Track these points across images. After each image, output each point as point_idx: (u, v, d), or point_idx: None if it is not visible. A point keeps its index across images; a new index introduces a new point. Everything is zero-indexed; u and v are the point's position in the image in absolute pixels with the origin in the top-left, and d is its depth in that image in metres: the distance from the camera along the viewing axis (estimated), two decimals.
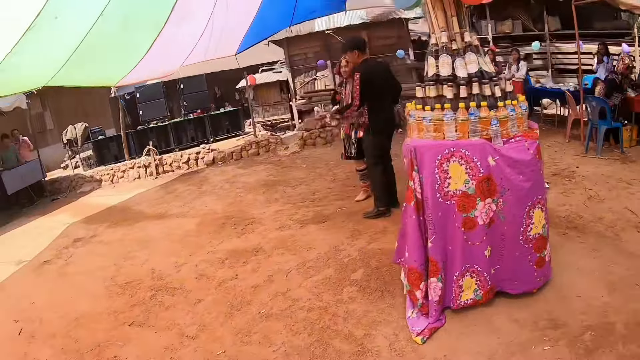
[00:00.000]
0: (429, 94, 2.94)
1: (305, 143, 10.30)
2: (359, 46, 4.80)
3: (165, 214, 6.27)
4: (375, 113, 4.70)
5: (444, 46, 2.92)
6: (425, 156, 2.77)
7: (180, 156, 9.26)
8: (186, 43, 6.01)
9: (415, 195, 2.85)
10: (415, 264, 2.81)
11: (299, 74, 12.44)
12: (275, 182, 7.23)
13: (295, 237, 4.75)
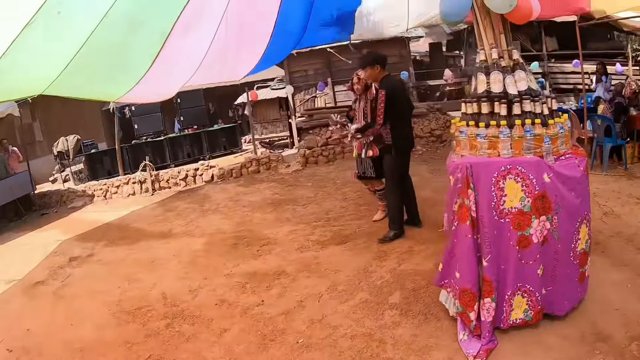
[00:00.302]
0: (483, 111, 2.87)
1: (307, 161, 10.01)
2: (380, 61, 4.52)
3: (169, 233, 5.84)
4: (399, 132, 4.51)
5: (494, 63, 2.89)
6: (482, 174, 2.70)
7: (178, 172, 8.84)
8: (190, 61, 5.73)
9: (471, 213, 2.74)
10: (469, 284, 2.72)
11: (298, 91, 12.21)
12: (282, 201, 6.87)
13: (318, 258, 4.41)
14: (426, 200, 5.99)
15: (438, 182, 7.16)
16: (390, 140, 4.52)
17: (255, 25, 5.96)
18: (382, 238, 4.59)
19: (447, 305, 2.99)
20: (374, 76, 4.49)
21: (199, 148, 10.97)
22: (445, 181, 4.71)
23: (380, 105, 4.31)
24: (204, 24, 5.17)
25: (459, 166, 2.84)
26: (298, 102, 12.21)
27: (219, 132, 11.49)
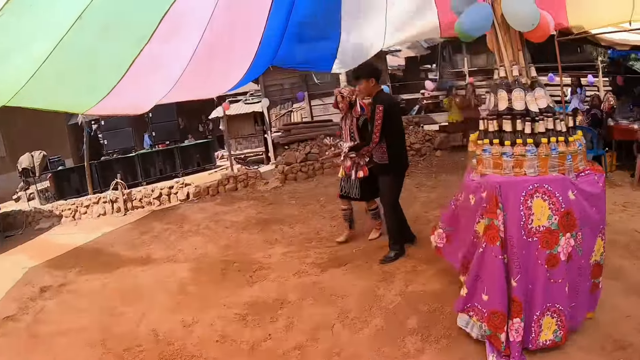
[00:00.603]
0: (506, 128, 2.82)
1: (286, 177, 9.73)
2: (376, 74, 4.29)
3: (149, 258, 5.39)
4: (396, 151, 4.29)
5: (516, 80, 2.88)
6: (510, 193, 2.66)
7: (151, 191, 8.34)
8: (169, 73, 5.39)
9: (500, 234, 2.68)
10: (500, 306, 2.65)
11: (274, 106, 11.91)
12: (267, 221, 6.54)
13: (320, 283, 4.11)
14: (419, 218, 5.84)
15: (425, 197, 7.03)
16: (386, 160, 4.27)
17: (243, 38, 5.69)
18: (383, 259, 4.37)
19: (468, 329, 2.89)
20: (368, 90, 4.27)
21: (172, 165, 10.46)
22: (433, 196, 4.48)
23: (377, 121, 4.08)
24: (186, 32, 4.87)
25: (482, 185, 2.80)
26: (273, 117, 11.91)
27: (192, 148, 11.02)
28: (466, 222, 3.07)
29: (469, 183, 2.96)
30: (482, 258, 2.75)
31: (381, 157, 4.28)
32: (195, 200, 8.50)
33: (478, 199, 2.82)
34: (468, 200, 2.96)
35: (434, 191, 7.44)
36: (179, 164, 10.44)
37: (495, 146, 2.80)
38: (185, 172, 10.47)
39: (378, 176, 4.44)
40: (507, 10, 2.86)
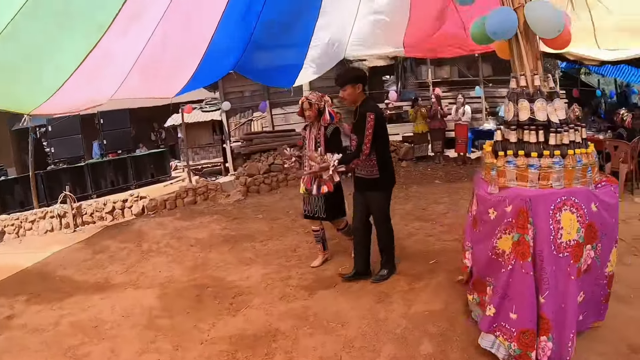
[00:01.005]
0: (530, 139, 2.74)
1: (248, 190, 9.25)
2: (363, 80, 3.96)
3: (107, 284, 4.73)
4: (385, 164, 3.97)
5: (538, 90, 2.80)
6: (540, 207, 2.57)
7: (104, 204, 7.57)
8: (123, 63, 4.87)
9: (530, 249, 2.59)
10: (531, 324, 2.57)
11: (234, 114, 11.36)
12: (235, 238, 6.04)
13: (311, 309, 3.73)
14: (401, 231, 5.56)
15: (401, 209, 6.79)
16: (376, 173, 3.92)
17: (191, 34, 5.24)
18: (376, 278, 4.10)
19: (493, 350, 2.74)
20: (354, 97, 3.89)
21: (124, 176, 9.65)
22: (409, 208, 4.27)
23: (368, 131, 3.72)
24: (142, 23, 4.41)
25: (506, 199, 2.68)
26: (233, 126, 11.36)
27: (146, 158, 10.23)
28: (480, 238, 2.97)
29: (488, 196, 2.81)
30: (511, 275, 2.62)
31: (370, 171, 3.92)
32: (152, 214, 7.82)
33: (500, 213, 2.69)
34: (486, 214, 2.83)
35: (408, 202, 7.23)
36: (132, 175, 9.65)
37: (521, 158, 2.69)
38: (139, 184, 9.71)
39: (364, 191, 4.05)
40: (532, 15, 2.75)
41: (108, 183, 9.47)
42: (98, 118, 9.66)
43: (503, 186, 2.77)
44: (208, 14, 4.99)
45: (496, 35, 2.83)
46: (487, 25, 2.81)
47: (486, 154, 3.01)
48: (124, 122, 10.01)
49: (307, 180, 4.27)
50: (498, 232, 2.71)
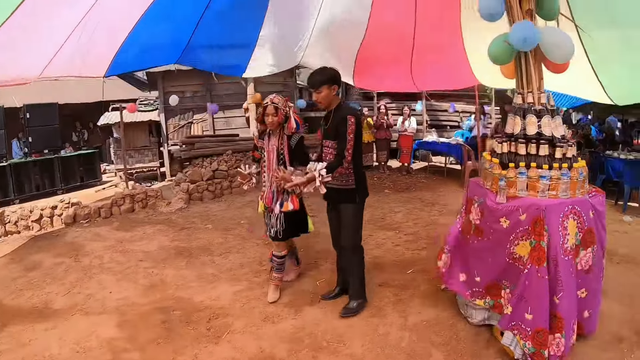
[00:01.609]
0: (541, 153, 2.95)
1: (191, 197, 8.63)
2: (337, 81, 3.58)
3: (48, 309, 4.00)
4: (361, 173, 3.65)
5: (544, 107, 3.03)
6: (552, 215, 2.76)
7: (30, 211, 6.61)
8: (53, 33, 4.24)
9: (545, 255, 2.79)
10: (544, 324, 2.75)
11: (172, 115, 10.63)
12: (189, 250, 5.51)
13: (304, 329, 3.47)
14: (367, 241, 5.41)
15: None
16: (352, 184, 3.59)
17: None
18: (344, 312, 3.67)
19: (512, 347, 2.90)
20: (329, 99, 3.54)
21: (51, 179, 8.54)
22: (367, 217, 4.38)
23: (349, 136, 3.38)
24: None
25: (519, 208, 2.85)
26: (172, 128, 10.61)
27: (74, 160, 9.15)
28: (489, 246, 3.07)
29: (498, 206, 2.95)
30: (527, 279, 2.80)
31: (346, 180, 3.57)
32: (85, 223, 6.98)
33: (514, 222, 2.86)
34: (496, 223, 2.96)
35: (365, 212, 7.02)
36: (60, 179, 8.59)
37: (533, 169, 2.89)
38: (67, 189, 8.68)
39: (337, 204, 3.71)
40: (549, 40, 2.96)
41: (33, 187, 8.32)
42: (24, 112, 8.46)
43: (512, 196, 2.94)
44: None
45: (526, 42, 2.91)
46: (516, 35, 2.91)
47: (493, 165, 3.10)
48: (52, 117, 8.80)
49: (269, 198, 3.81)
50: (514, 239, 2.89)
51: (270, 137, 3.85)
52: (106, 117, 10.09)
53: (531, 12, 3.10)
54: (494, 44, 3.15)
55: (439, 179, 9.86)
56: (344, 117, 3.41)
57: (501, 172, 3.01)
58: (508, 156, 3.07)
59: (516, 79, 3.20)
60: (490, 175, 3.13)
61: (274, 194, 3.79)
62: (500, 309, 3.05)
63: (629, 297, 3.81)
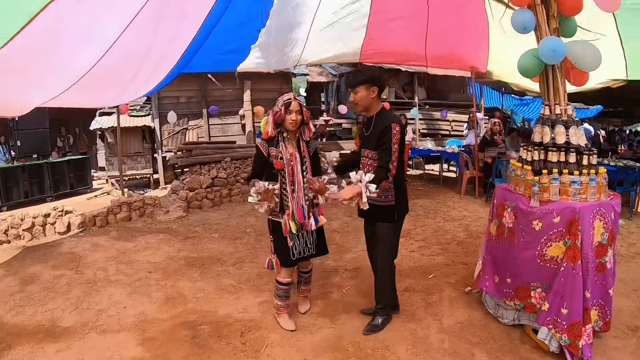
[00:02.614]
0: (570, 160, 3.13)
1: (189, 205, 8.26)
2: (378, 82, 3.22)
3: (56, 327, 3.58)
4: (402, 187, 3.34)
5: (571, 118, 3.24)
6: (585, 216, 2.94)
7: (21, 219, 6.13)
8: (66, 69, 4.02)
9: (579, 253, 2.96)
10: (579, 317, 2.93)
11: (167, 121, 10.20)
12: (200, 261, 5.16)
13: (345, 337, 3.31)
14: None
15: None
16: (392, 199, 3.25)
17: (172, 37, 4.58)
18: (369, 329, 3.38)
19: (547, 341, 3.07)
20: (367, 102, 3.20)
21: (40, 186, 8.00)
22: None
23: (394, 146, 3.07)
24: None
25: (554, 211, 3.03)
26: (166, 134, 10.18)
27: (65, 165, 8.61)
28: (522, 248, 3.19)
29: (531, 210, 3.11)
30: (563, 276, 2.97)
31: (385, 196, 3.22)
32: (81, 233, 6.54)
33: (547, 224, 3.04)
34: (529, 226, 3.13)
35: None
36: (49, 185, 8.05)
37: (565, 175, 3.07)
38: (57, 196, 8.16)
39: (373, 223, 3.36)
40: (579, 52, 3.15)
41: (21, 193, 7.77)
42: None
43: (545, 200, 3.10)
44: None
45: (555, 54, 3.10)
46: (545, 48, 3.10)
47: (525, 172, 3.25)
48: (42, 120, 8.28)
49: (299, 213, 3.29)
50: (546, 241, 3.06)
51: (284, 143, 3.30)
52: (97, 122, 9.61)
53: (558, 31, 3.29)
54: (524, 58, 3.33)
55: (436, 187, 9.72)
56: (388, 125, 3.09)
57: (534, 178, 3.16)
58: (539, 164, 3.22)
59: (543, 92, 3.38)
60: (522, 181, 3.28)
61: (303, 208, 3.30)
62: (532, 309, 3.20)
63: (635, 292, 4.06)
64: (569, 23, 3.39)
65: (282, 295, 3.45)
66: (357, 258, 5.09)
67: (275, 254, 3.40)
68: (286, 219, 3.27)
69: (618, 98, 9.32)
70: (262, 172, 3.28)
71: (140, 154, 9.88)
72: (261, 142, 3.31)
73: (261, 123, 3.36)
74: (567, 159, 3.13)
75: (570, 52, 3.14)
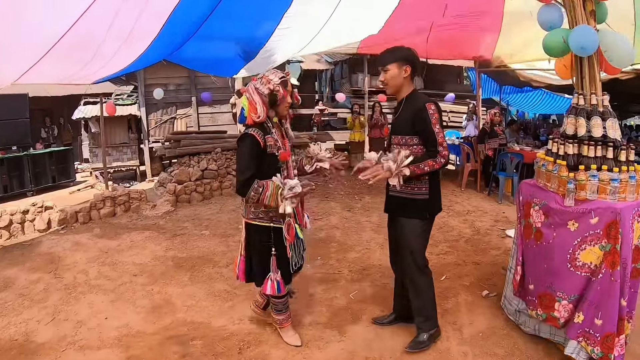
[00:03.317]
0: (608, 155, 2.85)
1: (178, 199, 7.86)
2: (411, 62, 2.85)
3: (31, 343, 3.19)
4: (437, 181, 2.97)
5: (607, 109, 2.95)
6: (626, 218, 2.67)
7: None
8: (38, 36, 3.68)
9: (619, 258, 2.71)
10: (614, 327, 2.68)
11: (154, 110, 9.74)
12: (189, 262, 4.80)
13: (359, 352, 3.01)
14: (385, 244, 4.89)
15: (369, 221, 6.31)
16: (426, 193, 2.86)
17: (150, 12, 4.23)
18: (414, 346, 2.98)
19: (574, 354, 2.80)
20: (398, 82, 2.84)
21: (20, 179, 7.52)
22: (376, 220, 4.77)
23: (436, 127, 2.70)
24: None
25: (592, 211, 2.74)
26: (153, 123, 9.73)
27: (46, 158, 8.11)
28: (550, 250, 2.93)
29: (567, 209, 2.82)
30: (600, 284, 2.71)
31: (418, 187, 2.84)
32: (62, 230, 6.13)
33: (584, 226, 2.76)
34: (563, 227, 2.84)
35: (372, 214, 6.64)
36: (30, 179, 7.57)
37: (604, 172, 2.78)
38: (38, 190, 7.69)
39: (399, 218, 2.94)
40: (610, 45, 2.89)
41: (0, 188, 7.30)
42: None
43: (582, 199, 2.80)
44: None
45: (583, 51, 2.87)
46: (575, 41, 2.84)
47: (559, 167, 2.93)
48: (21, 109, 7.74)
49: (299, 214, 2.90)
50: (580, 243, 2.77)
51: (271, 129, 2.84)
52: (81, 111, 9.12)
53: (594, 13, 3.01)
54: (551, 36, 3.02)
55: None
56: (421, 106, 2.74)
57: (569, 175, 2.86)
58: (574, 158, 2.92)
59: (576, 80, 3.10)
60: (555, 177, 2.97)
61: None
62: (554, 322, 2.93)
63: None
64: (601, 6, 3.07)
65: (282, 309, 3.04)
66: (361, 257, 4.77)
67: (278, 271, 2.87)
68: (291, 221, 2.80)
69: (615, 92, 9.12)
70: (257, 167, 2.72)
71: (125, 145, 9.40)
72: (255, 129, 2.75)
73: (242, 104, 2.62)
74: (604, 154, 2.83)
75: (602, 44, 2.88)
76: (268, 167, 2.75)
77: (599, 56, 2.95)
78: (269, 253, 2.83)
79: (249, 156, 2.69)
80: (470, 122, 10.87)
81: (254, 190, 2.63)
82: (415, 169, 2.68)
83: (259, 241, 2.85)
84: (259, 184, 2.65)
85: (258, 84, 2.76)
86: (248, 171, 2.66)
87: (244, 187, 2.64)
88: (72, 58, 4.35)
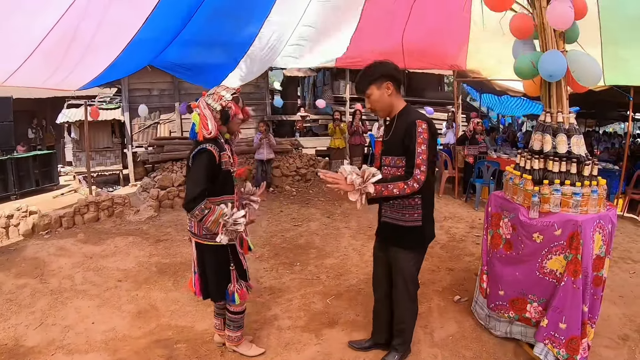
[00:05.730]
0: (572, 170, 3.04)
1: (161, 205, 7.96)
2: (391, 76, 2.69)
3: (20, 347, 3.31)
4: (430, 204, 2.78)
5: (572, 127, 3.13)
6: (587, 229, 2.85)
7: None
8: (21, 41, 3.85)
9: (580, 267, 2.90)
10: (578, 331, 2.88)
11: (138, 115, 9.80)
12: (173, 268, 4.96)
13: (333, 355, 3.22)
14: (365, 252, 5.28)
15: (347, 227, 6.46)
16: (419, 219, 2.71)
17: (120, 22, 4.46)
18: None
19: (542, 356, 2.99)
20: (385, 102, 2.70)
21: (3, 183, 7.55)
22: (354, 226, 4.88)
23: (421, 147, 2.52)
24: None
25: (555, 223, 2.92)
26: (136, 128, 9.81)
27: (30, 161, 8.16)
28: (520, 260, 3.11)
29: (531, 221, 3.00)
30: (563, 291, 2.90)
31: (409, 214, 2.69)
32: (46, 235, 6.21)
33: (548, 237, 2.94)
34: (529, 238, 3.03)
35: (350, 220, 6.79)
36: (14, 182, 7.61)
37: (566, 187, 2.97)
38: (21, 193, 7.73)
39: (390, 247, 2.85)
40: (578, 66, 3.03)
41: None
42: None
43: (545, 212, 3.00)
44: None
45: (552, 78, 3.04)
46: (544, 68, 3.01)
47: (525, 181, 3.12)
48: (5, 113, 7.79)
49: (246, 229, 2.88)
50: (546, 254, 2.97)
51: (226, 148, 2.82)
52: (64, 114, 9.16)
53: (564, 36, 3.19)
54: (520, 61, 3.21)
55: None
56: (411, 122, 2.57)
57: (534, 188, 3.05)
58: (539, 173, 3.11)
59: (544, 98, 3.28)
60: (521, 190, 3.16)
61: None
62: (527, 322, 3.16)
63: (621, 298, 4.10)
64: (573, 27, 3.19)
65: (242, 325, 3.10)
66: (339, 264, 4.98)
67: (241, 280, 2.95)
68: (242, 235, 2.84)
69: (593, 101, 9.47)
70: (212, 183, 2.69)
71: (109, 149, 9.47)
72: (211, 145, 2.67)
73: (193, 120, 2.73)
74: (568, 169, 3.02)
75: (571, 65, 3.02)
76: (222, 183, 2.76)
77: (567, 76, 3.07)
78: (227, 268, 2.87)
79: (204, 171, 2.64)
80: (450, 130, 11.16)
81: (199, 209, 2.58)
82: (383, 190, 2.48)
83: (215, 261, 2.84)
84: (206, 205, 2.60)
85: (209, 100, 2.74)
86: (199, 187, 2.60)
87: (192, 202, 2.58)
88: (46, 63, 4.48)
